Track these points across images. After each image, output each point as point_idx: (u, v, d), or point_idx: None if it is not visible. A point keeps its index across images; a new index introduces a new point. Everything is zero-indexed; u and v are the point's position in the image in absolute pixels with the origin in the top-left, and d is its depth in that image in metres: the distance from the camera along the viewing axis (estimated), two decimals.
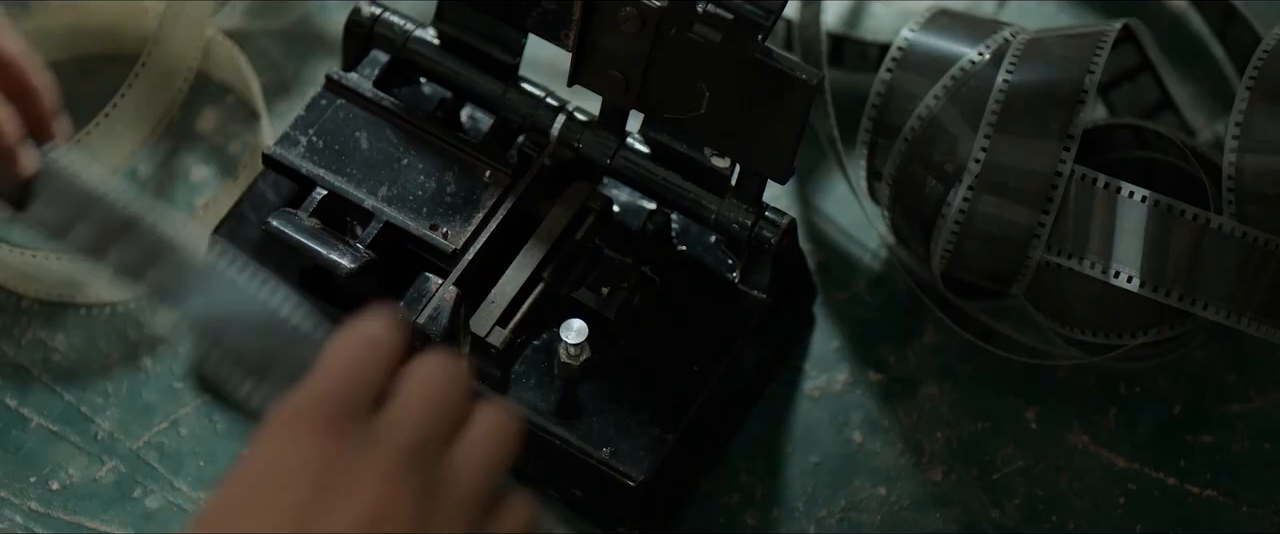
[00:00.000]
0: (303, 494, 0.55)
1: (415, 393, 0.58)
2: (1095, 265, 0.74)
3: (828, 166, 0.86)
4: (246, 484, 0.56)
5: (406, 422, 0.57)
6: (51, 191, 0.71)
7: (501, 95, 0.78)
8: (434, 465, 0.57)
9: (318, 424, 0.56)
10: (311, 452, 0.56)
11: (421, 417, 0.57)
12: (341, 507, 0.55)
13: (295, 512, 0.55)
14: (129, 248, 0.68)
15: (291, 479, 0.56)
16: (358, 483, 0.56)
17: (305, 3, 0.90)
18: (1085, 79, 0.74)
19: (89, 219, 0.70)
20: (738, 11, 0.70)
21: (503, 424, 0.59)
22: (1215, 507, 0.79)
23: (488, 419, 0.59)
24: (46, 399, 0.80)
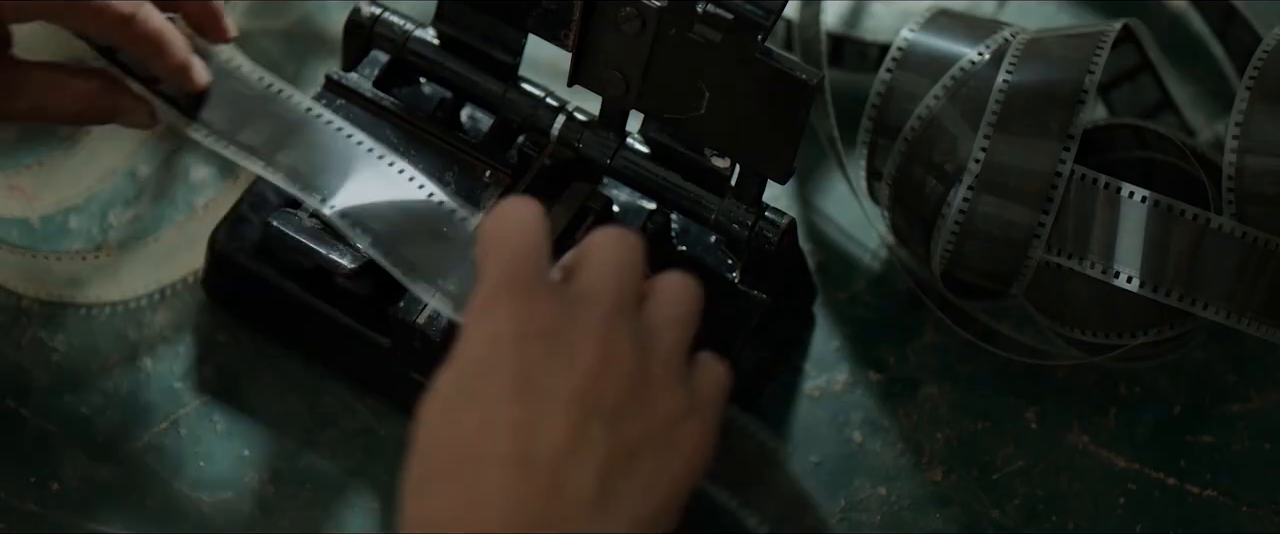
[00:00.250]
0: (528, 358, 0.59)
1: (601, 259, 0.62)
2: (1095, 265, 0.74)
3: (828, 166, 0.86)
4: (472, 359, 0.59)
5: (603, 283, 0.61)
6: (221, 94, 0.73)
7: (501, 95, 0.78)
8: (634, 329, 0.60)
9: (523, 295, 0.60)
10: (526, 319, 0.59)
11: (614, 277, 0.61)
12: (567, 363, 0.59)
13: (523, 375, 0.58)
14: (297, 151, 0.71)
15: (514, 346, 0.59)
16: (577, 340, 0.59)
17: (305, 3, 0.90)
18: (1085, 79, 0.74)
19: (260, 120, 0.72)
20: (738, 11, 0.70)
21: (684, 284, 0.63)
22: (1215, 507, 0.79)
23: (669, 281, 0.63)
24: (46, 399, 0.80)
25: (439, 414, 0.59)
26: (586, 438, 0.58)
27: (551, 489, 0.57)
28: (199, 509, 0.77)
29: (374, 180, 0.73)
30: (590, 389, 0.59)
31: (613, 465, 0.58)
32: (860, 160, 0.80)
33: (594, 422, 0.58)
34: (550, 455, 0.58)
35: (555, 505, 0.57)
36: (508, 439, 0.58)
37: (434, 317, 0.74)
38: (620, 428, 0.59)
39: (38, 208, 0.83)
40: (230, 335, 0.81)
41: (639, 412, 0.59)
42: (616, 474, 0.58)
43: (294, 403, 0.80)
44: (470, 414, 0.59)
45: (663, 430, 0.60)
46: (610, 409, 0.59)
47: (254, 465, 0.78)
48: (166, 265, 0.82)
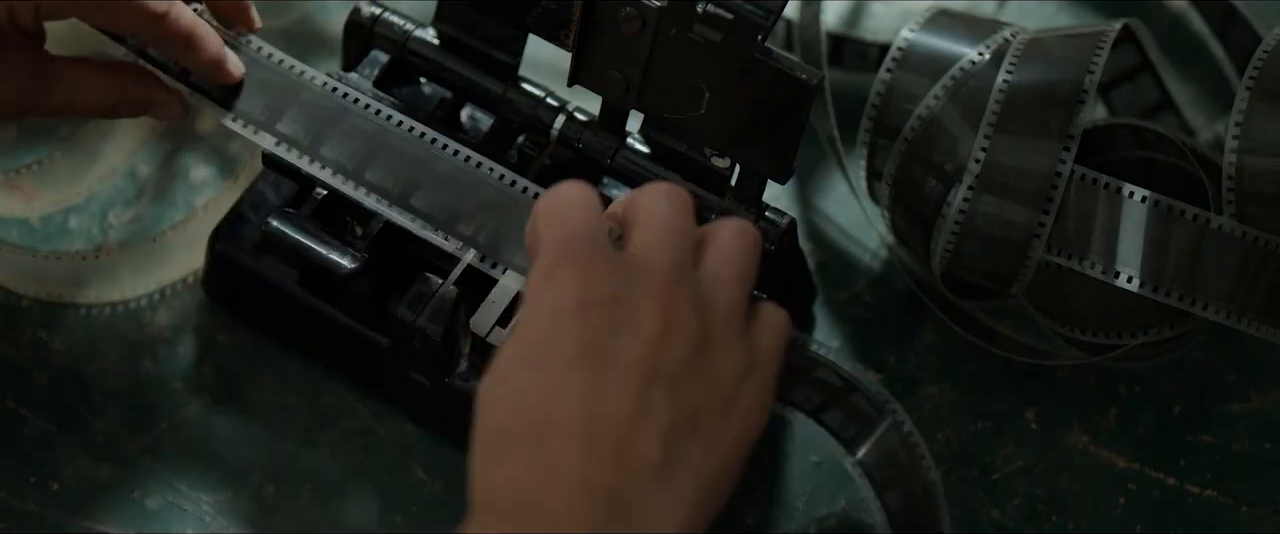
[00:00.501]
0: (591, 326, 0.59)
1: (655, 218, 0.63)
2: (1095, 265, 0.74)
3: (828, 166, 0.86)
4: (538, 328, 0.60)
5: (659, 245, 0.62)
6: (254, 83, 0.74)
7: (501, 95, 0.78)
8: (695, 288, 0.61)
9: (584, 264, 0.60)
10: (588, 288, 0.60)
11: (669, 239, 0.62)
12: (630, 330, 0.60)
13: (587, 344, 0.59)
14: (340, 143, 0.71)
15: (577, 315, 0.60)
16: (639, 307, 0.60)
17: (305, 2, 0.90)
18: (1085, 79, 0.74)
19: (295, 108, 0.73)
20: (738, 11, 0.70)
21: (741, 236, 0.64)
22: (1215, 507, 0.79)
23: (726, 232, 0.64)
24: (46, 399, 0.80)
25: (505, 384, 0.60)
26: (651, 404, 0.59)
27: (618, 457, 0.58)
28: (199, 509, 0.77)
29: (420, 159, 0.74)
30: (653, 355, 0.59)
31: (677, 430, 0.59)
32: (860, 160, 0.80)
33: (657, 388, 0.59)
34: (616, 423, 0.58)
35: (622, 472, 0.58)
36: (574, 408, 0.58)
37: (434, 316, 0.74)
38: (683, 392, 0.60)
39: (37, 208, 0.84)
40: (230, 335, 0.81)
41: (700, 375, 0.60)
42: (680, 439, 0.59)
43: (294, 403, 0.80)
44: (536, 384, 0.59)
45: (723, 392, 0.61)
46: (672, 374, 0.60)
47: (254, 465, 0.78)
48: (166, 265, 0.82)
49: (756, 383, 0.62)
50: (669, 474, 0.59)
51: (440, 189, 0.74)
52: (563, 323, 0.60)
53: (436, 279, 0.75)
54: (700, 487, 0.59)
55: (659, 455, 0.59)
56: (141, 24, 0.73)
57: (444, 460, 0.79)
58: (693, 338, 0.60)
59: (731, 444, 0.61)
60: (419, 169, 0.74)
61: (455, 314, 0.74)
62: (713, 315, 0.62)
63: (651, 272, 0.61)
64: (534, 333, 0.60)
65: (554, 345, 0.59)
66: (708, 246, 0.64)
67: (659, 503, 0.58)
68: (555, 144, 0.77)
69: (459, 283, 0.74)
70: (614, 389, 0.59)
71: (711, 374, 0.61)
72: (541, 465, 0.58)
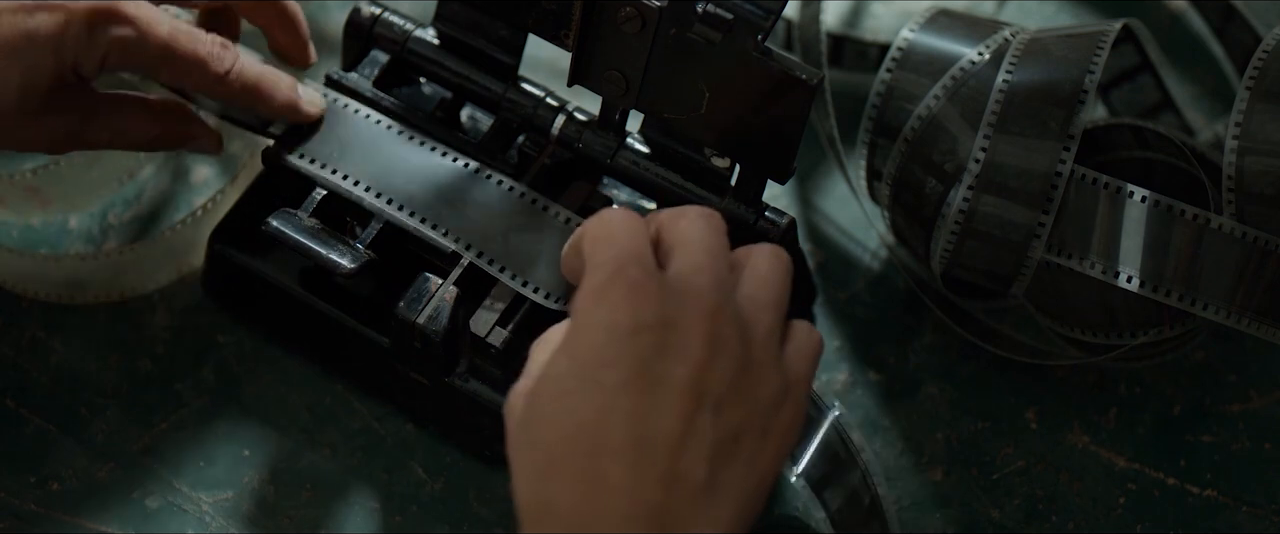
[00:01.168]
0: (643, 348, 0.61)
1: (692, 242, 0.64)
2: (1095, 265, 0.74)
3: (828, 166, 0.86)
4: (589, 348, 0.61)
5: (701, 269, 0.63)
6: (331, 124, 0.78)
7: (501, 95, 0.78)
8: (734, 312, 0.63)
9: (638, 287, 0.62)
10: (641, 310, 0.61)
11: (710, 262, 0.64)
12: (679, 352, 0.61)
13: (640, 366, 0.61)
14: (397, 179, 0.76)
15: (630, 337, 0.61)
16: (688, 331, 0.61)
17: (305, 3, 0.90)
18: (1085, 79, 0.74)
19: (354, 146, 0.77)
20: (737, 12, 0.70)
21: (776, 263, 0.66)
22: (1215, 507, 0.79)
23: (760, 258, 0.66)
24: (46, 399, 0.80)
25: (556, 402, 0.61)
26: (697, 426, 0.61)
27: (668, 477, 0.60)
28: (199, 509, 0.77)
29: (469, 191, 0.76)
30: (699, 378, 0.61)
31: (720, 451, 0.61)
32: (860, 160, 0.80)
33: (703, 410, 0.61)
34: (666, 445, 0.60)
35: (670, 493, 0.60)
36: (625, 429, 0.60)
37: (434, 316, 0.74)
38: (726, 414, 0.61)
39: (52, 210, 0.84)
40: (230, 335, 0.81)
41: (742, 397, 0.62)
42: (724, 459, 0.61)
43: (294, 403, 0.80)
44: (589, 404, 0.61)
45: (763, 413, 0.62)
46: (717, 396, 0.61)
47: (254, 465, 0.78)
48: (166, 265, 0.82)
49: (791, 405, 0.64)
50: (712, 493, 0.60)
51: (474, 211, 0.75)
52: (616, 344, 0.61)
53: (436, 279, 0.75)
54: (740, 504, 0.61)
55: (704, 476, 0.60)
56: (206, 83, 0.74)
57: (444, 460, 0.79)
58: (736, 361, 0.62)
59: (769, 463, 0.63)
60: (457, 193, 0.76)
61: (455, 314, 0.74)
62: (752, 339, 0.63)
63: (698, 295, 0.62)
64: (586, 352, 0.61)
65: (608, 366, 0.61)
66: (744, 271, 0.66)
67: (703, 521, 0.60)
68: (555, 144, 0.77)
69: (459, 283, 0.74)
70: (663, 411, 0.60)
71: (753, 396, 0.62)
72: (593, 485, 0.60)
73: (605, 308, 0.62)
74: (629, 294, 0.62)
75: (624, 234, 0.64)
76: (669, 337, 0.61)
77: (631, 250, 0.63)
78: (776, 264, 0.66)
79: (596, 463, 0.60)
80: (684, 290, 0.62)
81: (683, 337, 0.61)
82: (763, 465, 0.62)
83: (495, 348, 0.74)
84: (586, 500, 0.59)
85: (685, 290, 0.62)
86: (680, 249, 0.64)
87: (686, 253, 0.64)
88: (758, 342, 0.63)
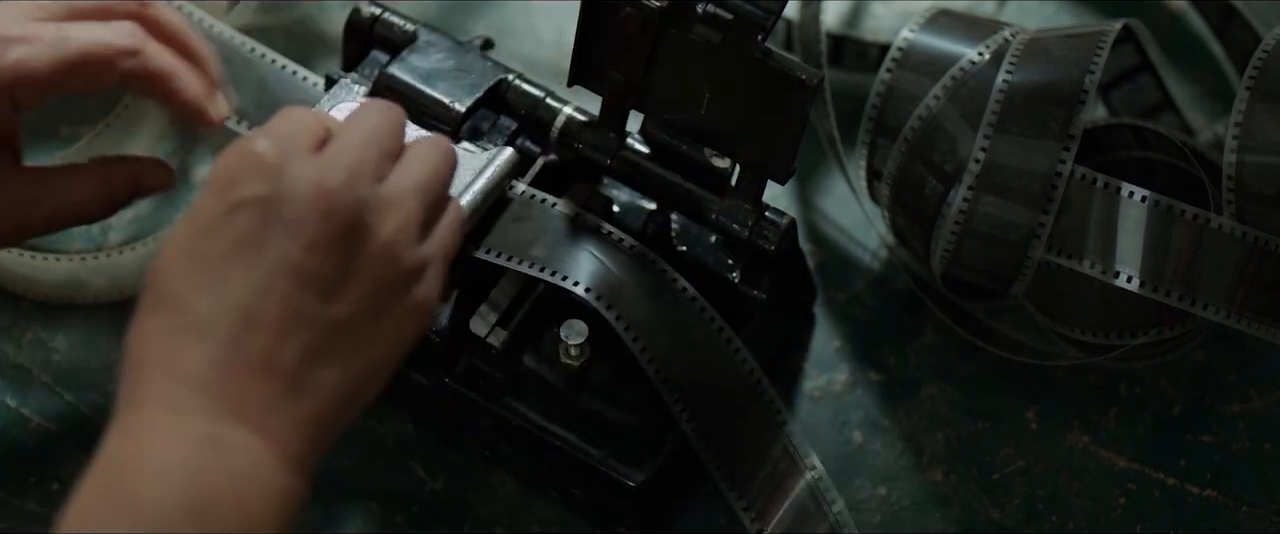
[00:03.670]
0: (245, 223, 0.60)
1: (348, 129, 0.65)
2: (1095, 265, 0.74)
3: (828, 166, 0.86)
4: (200, 214, 0.61)
5: (341, 152, 0.62)
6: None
7: (502, 95, 0.78)
8: (371, 185, 0.62)
9: (247, 159, 0.61)
10: (246, 183, 0.60)
11: (354, 148, 0.63)
12: (288, 233, 0.60)
13: (240, 239, 0.60)
14: None
15: (231, 211, 0.60)
16: (300, 211, 0.60)
17: (305, 2, 0.90)
18: (1085, 79, 0.74)
19: None
20: (737, 12, 0.70)
21: (433, 143, 0.66)
22: (1215, 507, 0.79)
23: (417, 147, 0.66)
24: (46, 399, 0.80)
25: (166, 263, 0.60)
26: (298, 312, 0.60)
27: (251, 363, 0.59)
28: None
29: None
30: (304, 262, 0.60)
31: (319, 341, 0.60)
32: (860, 160, 0.80)
33: (308, 294, 0.60)
34: (253, 327, 0.59)
35: (251, 380, 0.59)
36: (209, 304, 0.59)
37: (434, 316, 0.74)
38: (336, 301, 0.61)
39: None
40: None
41: (358, 284, 0.61)
42: (323, 350, 0.60)
43: None
44: (183, 272, 0.60)
45: (381, 301, 0.62)
46: (325, 283, 0.60)
47: None
48: None
49: (425, 284, 0.63)
50: (300, 387, 0.60)
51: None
52: (220, 215, 0.60)
53: None
54: (333, 398, 0.60)
55: (294, 366, 0.59)
56: (116, 71, 0.71)
57: (444, 460, 0.79)
58: (354, 247, 0.61)
59: (384, 352, 0.62)
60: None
61: (455, 314, 0.74)
62: (383, 225, 0.62)
63: (319, 178, 0.61)
64: (198, 218, 0.61)
65: (206, 236, 0.60)
66: (401, 159, 0.65)
67: (286, 413, 0.59)
68: (555, 144, 0.77)
69: (459, 283, 0.74)
70: (257, 291, 0.59)
71: (371, 284, 0.61)
72: (170, 363, 0.58)
73: (219, 175, 0.61)
74: (242, 165, 0.61)
75: (297, 115, 0.64)
76: (276, 216, 0.60)
77: (283, 130, 0.63)
78: (432, 149, 0.66)
79: (176, 338, 0.59)
80: (308, 173, 0.61)
81: (294, 218, 0.60)
82: (371, 353, 0.61)
83: (495, 348, 0.74)
84: (165, 374, 0.58)
85: (308, 173, 0.61)
86: (335, 136, 0.64)
87: (337, 139, 0.63)
88: (391, 226, 0.62)
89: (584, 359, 0.75)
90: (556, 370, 0.75)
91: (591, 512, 0.77)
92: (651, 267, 0.74)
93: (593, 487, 0.75)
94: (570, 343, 0.74)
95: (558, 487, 0.77)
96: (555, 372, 0.75)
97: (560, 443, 0.74)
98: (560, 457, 0.75)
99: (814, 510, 0.76)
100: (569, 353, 0.74)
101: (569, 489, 0.76)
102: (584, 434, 0.75)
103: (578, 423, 0.75)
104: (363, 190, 0.62)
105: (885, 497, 0.79)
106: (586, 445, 0.74)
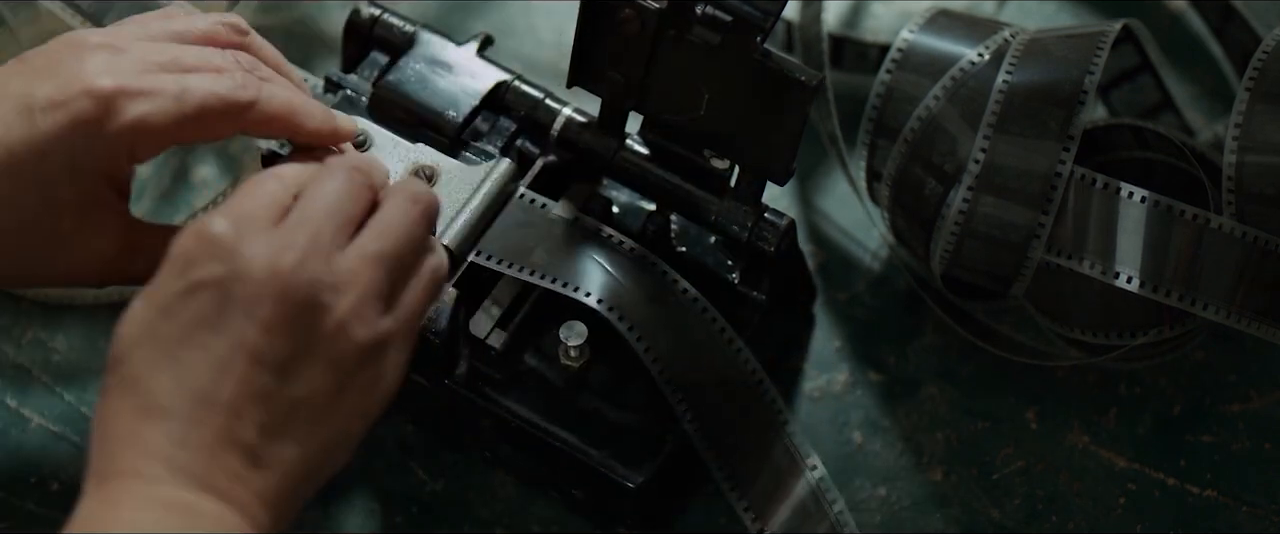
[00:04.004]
0: (202, 305, 0.60)
1: (308, 199, 0.63)
2: (1095, 265, 0.74)
3: (828, 167, 0.86)
4: (161, 295, 0.61)
5: (299, 225, 0.62)
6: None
7: (501, 97, 0.78)
8: (327, 262, 0.62)
9: (202, 240, 0.61)
10: (201, 265, 0.61)
11: (314, 220, 0.62)
12: (244, 311, 0.60)
13: (196, 321, 0.60)
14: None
15: (189, 292, 0.60)
16: (256, 290, 0.60)
17: (305, 2, 0.90)
18: (1085, 79, 0.74)
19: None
20: (736, 13, 0.70)
21: (406, 198, 0.65)
22: (1215, 507, 0.79)
23: (390, 200, 0.65)
24: (46, 399, 0.80)
25: (128, 345, 0.61)
26: (255, 392, 0.60)
27: (213, 442, 0.59)
28: None
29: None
30: (260, 342, 0.60)
31: (278, 418, 0.60)
32: (860, 161, 0.80)
33: (264, 374, 0.60)
34: (213, 407, 0.59)
35: (215, 458, 0.59)
36: (170, 386, 0.59)
37: (433, 318, 0.74)
38: (293, 379, 0.60)
39: None
40: None
41: (315, 362, 0.61)
42: (282, 427, 0.60)
43: None
44: (145, 354, 0.60)
45: (340, 376, 0.61)
46: (283, 360, 0.60)
47: None
48: None
49: (387, 360, 0.63)
50: (260, 462, 0.60)
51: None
52: (178, 296, 0.60)
53: None
54: (295, 471, 0.61)
55: (254, 442, 0.60)
56: (236, 122, 0.70)
57: (444, 460, 0.79)
58: (311, 326, 0.61)
59: (343, 423, 0.62)
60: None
61: (455, 315, 0.74)
62: (342, 298, 0.62)
63: (273, 256, 0.61)
64: (158, 298, 0.61)
65: (167, 317, 0.60)
66: (370, 221, 0.64)
67: (247, 489, 0.59)
68: (555, 144, 0.77)
69: (459, 283, 0.74)
70: (214, 371, 0.60)
71: (331, 360, 0.61)
72: (137, 445, 0.59)
73: (176, 256, 0.61)
74: (197, 246, 0.61)
75: (260, 189, 0.63)
76: (231, 297, 0.60)
77: (241, 209, 0.62)
78: (404, 209, 0.65)
79: (139, 418, 0.59)
80: (261, 253, 0.61)
81: (249, 299, 0.60)
82: (333, 427, 0.61)
83: (495, 349, 0.74)
84: (132, 451, 0.59)
85: (262, 254, 0.61)
86: (297, 205, 0.63)
87: (297, 210, 0.63)
88: (346, 304, 0.61)
89: (584, 360, 0.75)
90: (556, 371, 0.75)
91: (591, 512, 0.77)
92: (652, 269, 0.74)
93: (593, 487, 0.75)
94: (570, 344, 0.74)
95: (558, 487, 0.77)
96: (555, 372, 0.75)
97: (560, 443, 0.74)
98: (560, 457, 0.75)
99: (814, 510, 0.76)
100: (569, 354, 0.74)
101: (569, 489, 0.76)
102: (584, 434, 0.75)
103: (578, 423, 0.75)
104: (317, 269, 0.61)
105: (885, 497, 0.79)
106: (586, 445, 0.74)
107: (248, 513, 0.59)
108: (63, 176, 0.67)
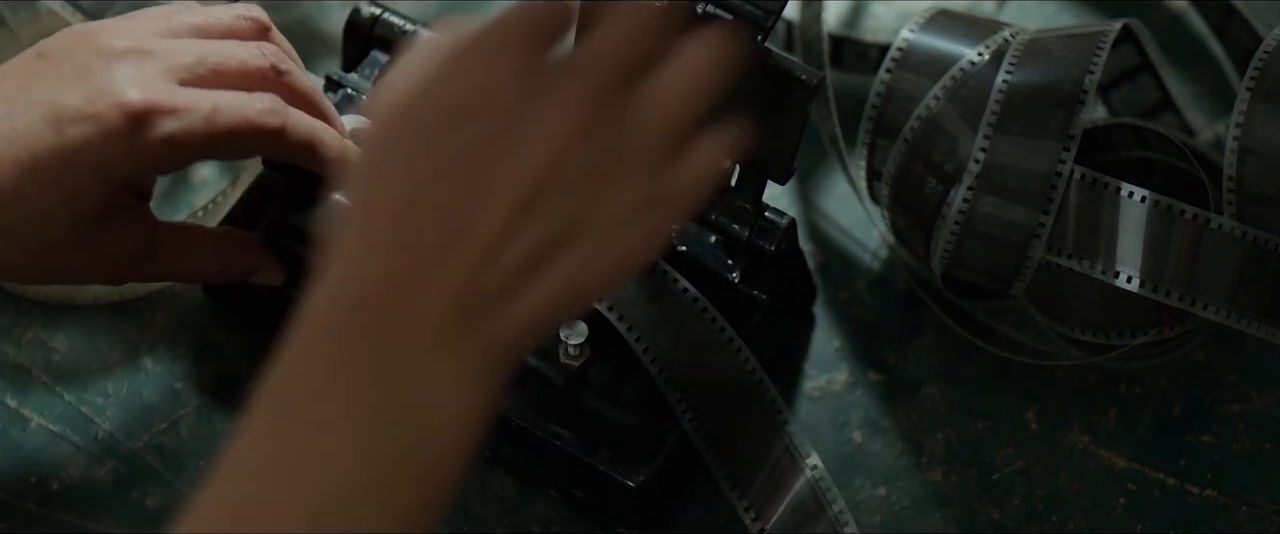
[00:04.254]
0: (493, 120, 0.56)
1: (610, 28, 0.58)
2: (1095, 265, 0.74)
3: (828, 166, 0.86)
4: (443, 96, 0.57)
5: (600, 57, 0.58)
6: None
7: None
8: (622, 106, 0.57)
9: (514, 52, 0.57)
10: (508, 78, 0.56)
11: (615, 53, 0.58)
12: (530, 135, 0.56)
13: (484, 135, 0.56)
14: None
15: (485, 103, 0.56)
16: (549, 114, 0.56)
17: (305, 3, 0.90)
18: (1085, 79, 0.74)
19: None
20: (737, 13, 0.70)
21: (710, 45, 0.59)
22: (1215, 507, 0.79)
23: (694, 43, 0.59)
24: (46, 399, 0.80)
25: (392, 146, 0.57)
26: (529, 216, 0.56)
27: (476, 264, 0.56)
28: None
29: None
30: (546, 165, 0.56)
31: (545, 249, 0.57)
32: (860, 161, 0.80)
33: (541, 200, 0.56)
34: (485, 229, 0.56)
35: (474, 281, 0.56)
36: (446, 205, 0.56)
37: None
38: (563, 210, 0.57)
39: None
40: (230, 335, 0.81)
41: (590, 196, 0.57)
42: (546, 258, 0.57)
43: None
44: (419, 165, 0.57)
45: (609, 221, 0.58)
46: (558, 187, 0.57)
47: None
48: None
49: (653, 219, 0.59)
50: (515, 292, 0.56)
51: None
52: (472, 104, 0.57)
53: None
54: (544, 310, 0.57)
55: (516, 268, 0.56)
56: (262, 147, 0.70)
57: None
58: (591, 158, 0.57)
59: (599, 275, 0.58)
60: None
61: None
62: (627, 138, 0.58)
63: (577, 76, 0.57)
64: (437, 101, 0.57)
65: (450, 125, 0.57)
66: (668, 62, 0.59)
67: (504, 316, 0.56)
68: None
69: None
70: (495, 193, 0.56)
71: (604, 199, 0.57)
72: (398, 254, 0.56)
73: (472, 61, 0.57)
74: (498, 55, 0.57)
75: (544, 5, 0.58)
76: (527, 112, 0.56)
77: (534, 13, 0.57)
78: (707, 57, 0.59)
79: (403, 233, 0.56)
80: (569, 72, 0.57)
81: (540, 118, 0.56)
82: (593, 276, 0.58)
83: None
84: (392, 274, 0.56)
85: (570, 72, 0.57)
86: (596, 30, 0.58)
87: (597, 34, 0.58)
88: (635, 141, 0.58)
89: (584, 359, 0.75)
90: (556, 370, 0.75)
91: (591, 512, 0.77)
92: (652, 268, 0.74)
93: (593, 487, 0.75)
94: (570, 343, 0.74)
95: (558, 487, 0.77)
96: (555, 371, 0.75)
97: (560, 443, 0.74)
98: (560, 457, 0.75)
99: (814, 510, 0.76)
100: (569, 353, 0.74)
101: (569, 489, 0.76)
102: (584, 434, 0.75)
103: (578, 423, 0.75)
104: (620, 106, 0.58)
105: (885, 497, 0.79)
106: (586, 445, 0.74)
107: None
108: (89, 184, 0.67)
